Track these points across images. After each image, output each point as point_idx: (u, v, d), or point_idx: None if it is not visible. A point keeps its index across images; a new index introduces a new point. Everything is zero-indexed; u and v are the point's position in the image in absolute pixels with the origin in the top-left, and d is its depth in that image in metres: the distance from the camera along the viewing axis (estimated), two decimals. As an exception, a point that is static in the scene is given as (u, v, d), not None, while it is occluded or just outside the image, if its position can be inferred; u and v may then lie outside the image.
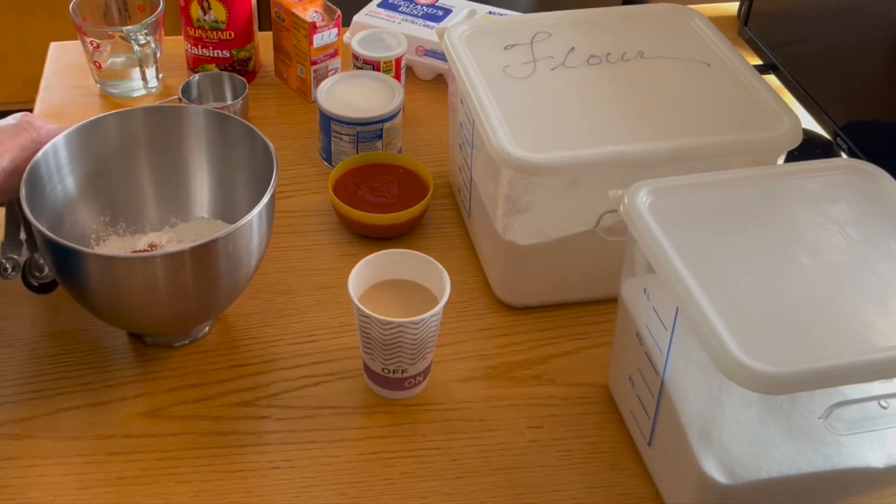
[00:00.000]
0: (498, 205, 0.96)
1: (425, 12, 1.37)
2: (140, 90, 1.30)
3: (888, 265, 0.76)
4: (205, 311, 0.95)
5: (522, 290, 1.02)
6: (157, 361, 0.96)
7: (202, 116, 1.01)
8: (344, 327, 1.00)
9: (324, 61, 1.28)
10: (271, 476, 0.87)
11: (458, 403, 0.94)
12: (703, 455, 0.77)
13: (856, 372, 0.69)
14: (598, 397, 0.94)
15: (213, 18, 1.27)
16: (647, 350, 0.83)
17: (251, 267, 0.93)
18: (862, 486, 0.80)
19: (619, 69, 1.03)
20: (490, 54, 1.03)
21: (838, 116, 1.12)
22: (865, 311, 0.73)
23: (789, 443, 0.77)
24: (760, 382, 0.67)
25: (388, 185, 1.13)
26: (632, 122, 0.96)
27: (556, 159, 0.91)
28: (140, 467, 0.87)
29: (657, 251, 0.76)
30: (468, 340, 1.00)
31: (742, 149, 0.94)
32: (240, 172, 1.00)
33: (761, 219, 0.81)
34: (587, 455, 0.89)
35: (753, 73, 1.01)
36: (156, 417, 0.91)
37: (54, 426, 0.90)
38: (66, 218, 0.97)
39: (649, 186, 0.81)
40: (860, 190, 0.83)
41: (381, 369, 0.91)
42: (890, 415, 0.75)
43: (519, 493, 0.86)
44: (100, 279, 0.87)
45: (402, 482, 0.87)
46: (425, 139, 1.25)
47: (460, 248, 1.10)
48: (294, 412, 0.92)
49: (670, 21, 1.10)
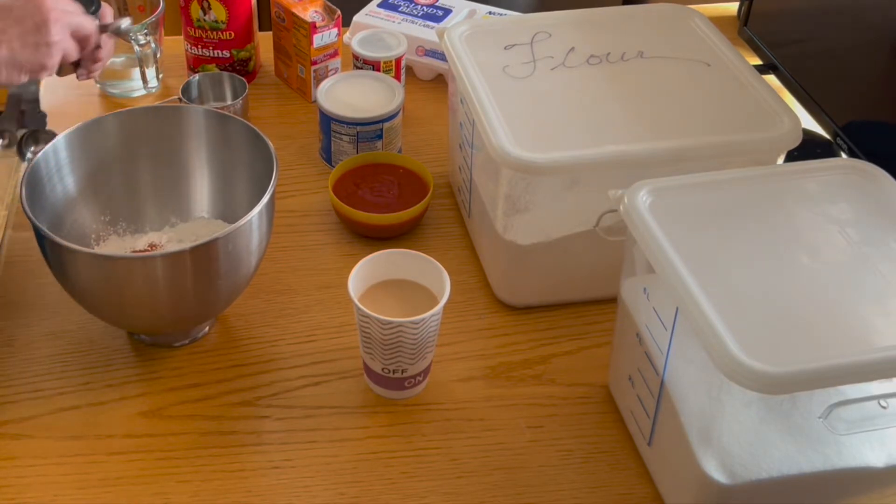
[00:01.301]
0: (498, 205, 0.96)
1: (425, 12, 1.37)
2: (140, 90, 1.30)
3: (888, 265, 0.76)
4: (205, 311, 0.95)
5: (522, 290, 1.02)
6: (157, 361, 0.96)
7: (202, 116, 1.01)
8: (344, 327, 1.00)
9: (324, 61, 1.28)
10: (271, 476, 0.87)
11: (457, 403, 0.94)
12: (703, 455, 0.77)
13: (856, 372, 0.69)
14: (598, 397, 0.94)
15: (213, 18, 1.27)
16: (646, 350, 0.83)
17: (251, 267, 0.93)
18: (862, 486, 0.80)
19: (619, 69, 1.03)
20: (490, 54, 1.03)
21: (838, 116, 1.12)
22: (865, 311, 0.73)
23: (789, 443, 0.77)
24: (760, 382, 0.67)
25: (388, 185, 1.13)
26: (632, 122, 0.96)
27: (556, 159, 0.91)
28: (140, 467, 0.87)
29: (657, 251, 0.76)
30: (468, 340, 1.00)
31: (742, 149, 0.94)
32: (240, 172, 1.00)
33: (761, 219, 0.81)
34: (587, 455, 0.89)
35: (753, 73, 1.01)
36: (156, 417, 0.91)
37: (54, 426, 0.90)
38: (66, 218, 0.97)
39: (649, 186, 0.81)
40: (860, 190, 0.83)
41: (381, 369, 0.91)
42: (890, 414, 0.75)
43: (519, 493, 0.86)
44: (100, 279, 0.87)
45: (402, 482, 0.87)
46: (425, 139, 1.25)
47: (460, 248, 1.10)
48: (294, 412, 0.92)
49: (670, 21, 1.10)
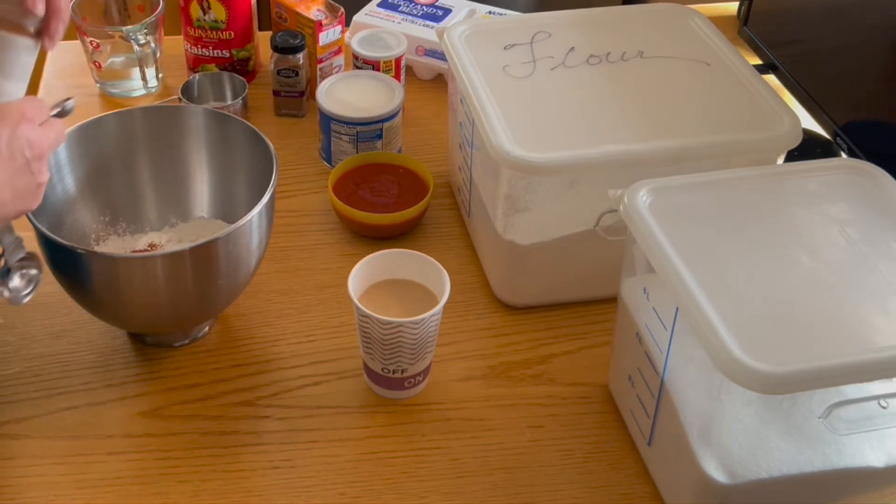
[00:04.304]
0: (498, 204, 0.96)
1: (425, 12, 1.37)
2: (140, 90, 1.30)
3: (888, 265, 0.76)
4: (205, 311, 0.95)
5: (522, 290, 1.02)
6: (157, 361, 0.96)
7: (202, 116, 1.01)
8: (344, 327, 1.00)
9: (328, 59, 1.28)
10: (271, 476, 0.87)
11: (457, 403, 0.94)
12: (702, 454, 0.77)
13: (856, 372, 0.69)
14: (598, 397, 0.94)
15: (213, 18, 1.27)
16: (646, 349, 0.82)
17: (251, 267, 0.93)
18: (862, 486, 0.80)
19: (618, 69, 1.03)
20: (490, 54, 1.03)
21: (838, 116, 1.12)
22: (865, 311, 0.73)
23: (789, 442, 0.77)
24: (760, 382, 0.67)
25: (387, 184, 1.13)
26: (632, 121, 0.96)
27: (556, 159, 0.91)
28: (140, 467, 0.87)
29: (657, 251, 0.76)
30: (468, 340, 1.00)
31: (742, 148, 0.94)
32: (240, 172, 1.00)
33: (761, 218, 0.81)
34: (587, 455, 0.89)
35: (753, 73, 1.01)
36: (156, 417, 0.91)
37: (54, 426, 0.90)
38: (66, 218, 0.97)
39: (649, 186, 0.81)
40: (860, 190, 0.83)
41: (381, 369, 0.91)
42: (890, 414, 0.75)
43: (519, 493, 0.86)
44: (100, 279, 0.87)
45: (402, 482, 0.87)
46: (425, 139, 1.25)
47: (460, 247, 1.10)
48: (294, 412, 0.92)
49: (670, 21, 1.10)
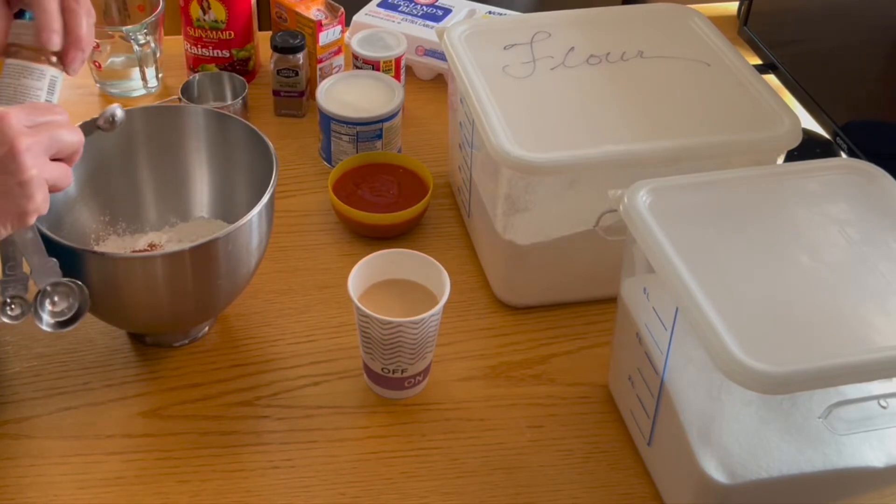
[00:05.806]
0: (498, 204, 0.96)
1: (425, 12, 1.37)
2: (140, 90, 1.30)
3: (888, 265, 0.76)
4: (205, 311, 0.95)
5: (522, 290, 1.02)
6: (157, 361, 0.96)
7: (202, 116, 1.01)
8: (344, 327, 1.00)
9: (328, 59, 1.28)
10: (271, 476, 0.87)
11: (457, 403, 0.94)
12: (702, 454, 0.77)
13: (856, 372, 0.69)
14: (598, 397, 0.94)
15: (213, 18, 1.27)
16: (646, 350, 0.82)
17: (251, 267, 0.93)
18: (862, 486, 0.80)
19: (618, 69, 1.03)
20: (490, 54, 1.03)
21: (838, 116, 1.12)
22: (865, 311, 0.73)
23: (789, 442, 0.77)
24: (760, 382, 0.67)
25: (387, 184, 1.13)
26: (632, 122, 0.96)
27: (556, 159, 0.91)
28: (140, 467, 0.87)
29: (657, 251, 0.76)
30: (468, 340, 1.00)
31: (742, 149, 0.94)
32: (240, 172, 1.00)
33: (761, 218, 0.81)
34: (587, 455, 0.89)
35: (753, 73, 1.01)
36: (156, 417, 0.91)
37: (54, 426, 0.90)
38: (65, 218, 0.97)
39: (649, 186, 0.81)
40: (860, 190, 0.83)
41: (381, 369, 0.91)
42: (890, 414, 0.75)
43: (519, 493, 0.86)
44: (100, 279, 0.87)
45: (402, 482, 0.87)
46: (425, 139, 1.25)
47: (460, 248, 1.10)
48: (294, 412, 0.92)
49: (670, 21, 1.10)
